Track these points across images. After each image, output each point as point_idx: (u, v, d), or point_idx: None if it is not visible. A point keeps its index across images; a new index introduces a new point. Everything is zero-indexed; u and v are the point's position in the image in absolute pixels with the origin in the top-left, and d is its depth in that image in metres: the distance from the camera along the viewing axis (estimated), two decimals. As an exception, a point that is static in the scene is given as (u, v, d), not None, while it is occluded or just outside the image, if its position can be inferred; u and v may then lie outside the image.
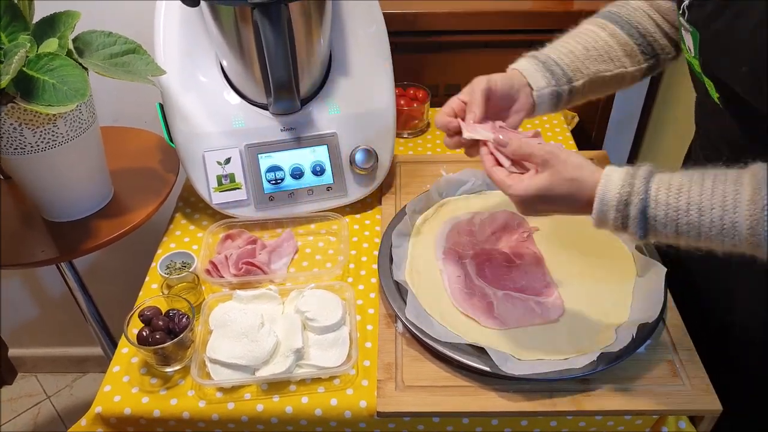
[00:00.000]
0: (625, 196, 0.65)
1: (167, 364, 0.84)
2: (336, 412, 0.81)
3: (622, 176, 0.66)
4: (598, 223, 0.68)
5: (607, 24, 0.89)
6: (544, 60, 0.87)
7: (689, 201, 0.63)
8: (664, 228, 0.64)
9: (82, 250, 1.01)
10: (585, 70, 0.87)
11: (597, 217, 0.68)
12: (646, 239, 0.66)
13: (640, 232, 0.65)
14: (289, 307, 0.91)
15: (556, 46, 0.89)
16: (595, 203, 0.67)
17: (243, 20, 0.92)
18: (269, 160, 1.05)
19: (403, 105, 1.25)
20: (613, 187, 0.66)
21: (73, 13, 0.92)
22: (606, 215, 0.67)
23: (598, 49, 0.87)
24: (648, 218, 0.65)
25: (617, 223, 0.66)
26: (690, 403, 0.78)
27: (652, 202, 0.64)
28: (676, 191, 0.64)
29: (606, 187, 0.66)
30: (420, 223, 1.03)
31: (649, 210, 0.64)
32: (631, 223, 0.65)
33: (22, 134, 0.90)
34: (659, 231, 0.65)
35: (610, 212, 0.66)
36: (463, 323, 0.87)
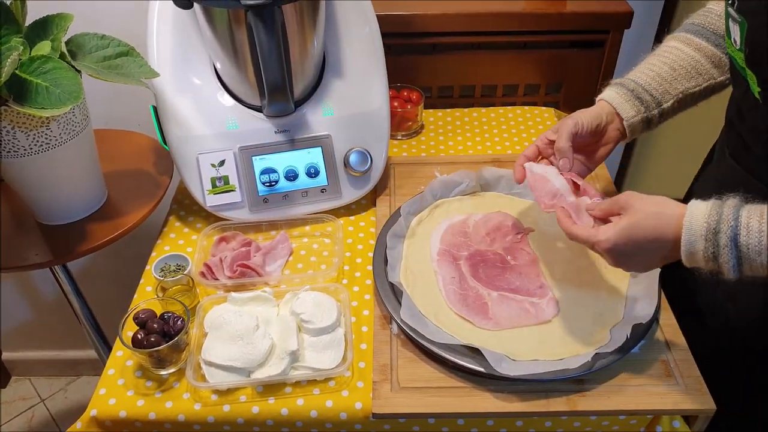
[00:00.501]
0: (713, 225, 0.64)
1: (162, 366, 0.84)
2: (331, 414, 0.81)
3: (709, 206, 0.65)
4: (687, 258, 0.66)
5: (691, 39, 0.88)
6: (632, 88, 0.88)
7: None
8: (758, 256, 0.62)
9: (76, 253, 1.01)
10: (673, 90, 0.88)
11: (686, 249, 0.66)
12: (741, 272, 0.64)
13: (732, 261, 0.63)
14: (284, 309, 0.91)
15: (642, 70, 0.89)
16: (683, 234, 0.65)
17: (236, 22, 0.92)
18: (263, 163, 1.05)
19: (397, 107, 1.26)
20: (700, 216, 0.65)
21: (66, 16, 0.92)
22: (695, 246, 0.65)
23: (685, 67, 0.87)
24: (740, 246, 0.62)
25: (707, 254, 0.64)
26: (684, 402, 0.79)
27: (743, 230, 0.62)
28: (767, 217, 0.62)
29: (693, 216, 0.65)
30: (414, 224, 1.03)
31: (741, 238, 0.62)
32: (722, 252, 0.63)
33: (15, 137, 0.90)
34: (753, 260, 0.62)
35: (699, 242, 0.64)
36: (458, 324, 0.87)
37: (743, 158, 0.82)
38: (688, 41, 0.88)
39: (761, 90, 0.72)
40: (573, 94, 1.43)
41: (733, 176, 0.85)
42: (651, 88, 0.87)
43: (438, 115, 1.35)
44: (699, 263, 0.66)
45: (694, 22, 0.90)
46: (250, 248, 1.00)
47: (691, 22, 0.90)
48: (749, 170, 0.81)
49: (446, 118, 1.34)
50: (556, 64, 1.39)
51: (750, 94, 0.74)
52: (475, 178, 1.09)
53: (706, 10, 0.90)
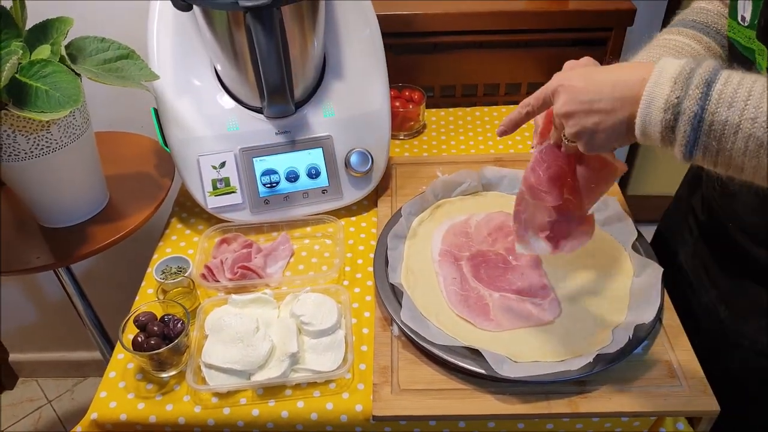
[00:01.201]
0: (689, 67, 0.58)
1: (163, 369, 0.84)
2: (332, 416, 0.80)
3: (674, 75, 0.59)
4: (645, 105, 0.59)
5: (701, 37, 0.83)
6: None
7: (765, 85, 0.55)
8: (728, 109, 0.55)
9: (78, 255, 1.01)
10: None
11: (648, 92, 0.59)
12: (699, 128, 0.57)
13: (696, 108, 0.56)
14: (285, 311, 0.90)
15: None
16: (652, 74, 0.59)
17: (236, 24, 0.92)
18: (264, 164, 1.05)
19: (399, 107, 1.25)
20: (675, 61, 0.59)
21: (66, 20, 0.92)
22: (661, 87, 0.58)
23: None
24: (712, 91, 0.56)
25: (671, 97, 0.57)
26: (688, 404, 0.78)
27: (722, 78, 0.57)
28: (751, 78, 0.56)
29: (667, 60, 0.60)
30: (416, 225, 1.02)
31: (716, 85, 0.56)
32: (689, 95, 0.57)
33: (15, 141, 0.90)
34: (719, 112, 0.56)
35: (666, 84, 0.58)
36: (459, 326, 0.87)
37: None
38: (698, 39, 0.85)
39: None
40: (576, 93, 1.42)
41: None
42: None
43: (440, 115, 1.35)
44: (655, 116, 0.59)
45: (695, 19, 0.87)
46: (251, 250, 1.00)
47: (691, 19, 0.87)
48: None
49: (448, 117, 1.34)
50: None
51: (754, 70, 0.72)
52: (477, 177, 1.08)
53: (701, 10, 0.87)
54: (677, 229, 1.01)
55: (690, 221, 0.96)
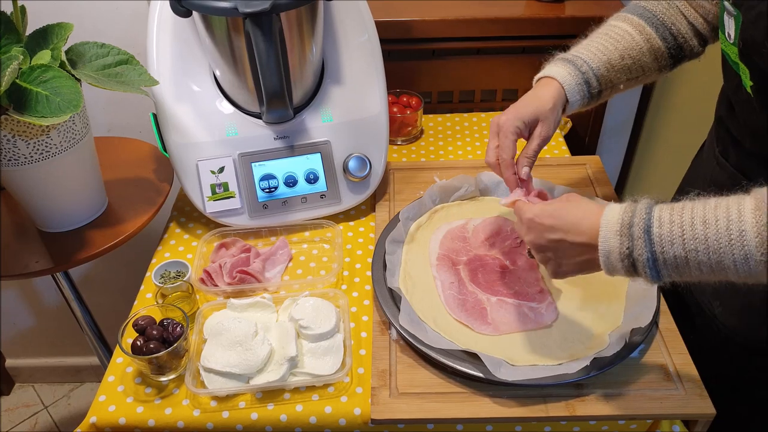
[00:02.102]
0: (627, 219, 0.65)
1: (162, 373, 0.84)
2: (330, 420, 0.81)
3: (624, 205, 0.67)
4: (605, 260, 0.67)
5: (644, 27, 0.86)
6: (585, 71, 0.86)
7: (693, 216, 0.62)
8: (671, 246, 0.62)
9: (77, 260, 1.01)
10: (615, 80, 0.87)
11: (602, 248, 0.67)
12: (657, 270, 0.64)
13: (646, 254, 0.63)
14: (283, 315, 0.91)
15: (595, 53, 0.87)
16: (600, 232, 0.67)
17: (235, 30, 0.93)
18: (263, 169, 1.05)
19: (396, 112, 1.26)
20: (615, 214, 0.66)
21: (66, 25, 0.93)
22: (610, 242, 0.66)
23: (633, 57, 0.86)
24: (653, 237, 0.63)
25: (623, 250, 0.65)
26: (684, 407, 0.78)
27: (656, 222, 0.63)
28: (679, 209, 0.63)
29: (608, 214, 0.67)
30: (413, 229, 1.03)
31: (653, 229, 0.63)
32: (636, 245, 0.64)
33: (15, 146, 0.91)
34: (666, 251, 0.63)
35: (614, 239, 0.65)
36: (457, 329, 0.87)
37: (732, 155, 0.83)
38: (640, 29, 0.86)
39: (753, 84, 0.72)
40: (572, 99, 1.43)
41: (721, 173, 0.85)
42: (600, 75, 0.85)
43: (437, 120, 1.35)
44: (615, 264, 0.66)
45: (646, 7, 0.88)
46: (249, 254, 1.00)
47: (643, 6, 0.88)
48: (738, 167, 0.82)
49: (446, 123, 1.35)
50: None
51: (742, 89, 0.74)
52: (474, 183, 1.09)
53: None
54: None
55: None
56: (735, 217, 0.59)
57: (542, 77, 0.89)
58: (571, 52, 0.89)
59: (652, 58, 0.87)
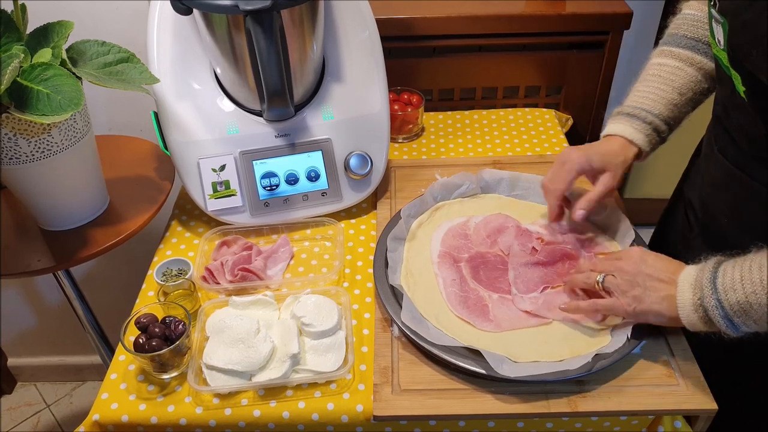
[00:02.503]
0: (699, 273, 0.73)
1: (164, 371, 0.84)
2: (333, 417, 0.81)
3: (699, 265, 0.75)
4: (681, 309, 0.75)
5: (692, 56, 0.89)
6: (651, 122, 0.89)
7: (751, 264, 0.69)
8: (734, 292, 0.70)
9: (79, 258, 1.01)
10: (682, 116, 0.90)
11: (686, 323, 0.75)
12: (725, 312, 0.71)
13: (713, 301, 0.71)
14: (285, 312, 0.91)
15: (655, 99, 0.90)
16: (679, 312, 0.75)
17: (235, 28, 0.93)
18: (264, 167, 1.05)
19: (397, 110, 1.26)
20: (690, 271, 0.75)
21: (67, 23, 0.93)
22: (692, 320, 0.74)
23: (692, 89, 0.89)
24: (717, 285, 0.71)
25: (695, 299, 0.73)
26: (686, 402, 0.78)
27: (721, 273, 0.71)
28: (741, 260, 0.71)
29: (684, 273, 0.75)
30: (415, 227, 1.03)
31: (718, 279, 0.71)
32: (705, 294, 0.72)
33: (16, 144, 0.91)
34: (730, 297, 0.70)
35: (693, 316, 0.74)
36: (459, 326, 0.87)
37: (731, 153, 0.83)
38: (689, 60, 0.89)
39: (746, 89, 0.72)
40: (573, 96, 1.43)
41: (721, 171, 0.85)
42: (667, 118, 0.89)
43: (438, 118, 1.35)
44: (691, 315, 0.74)
45: (686, 35, 0.90)
46: (251, 252, 1.00)
47: (683, 35, 0.90)
48: (737, 165, 0.82)
49: (447, 120, 1.35)
50: (557, 66, 1.39)
51: (736, 93, 0.75)
52: (475, 180, 1.09)
53: (691, 20, 0.90)
54: (676, 225, 1.01)
55: (690, 217, 0.97)
56: None
57: (608, 135, 0.92)
58: (630, 104, 0.92)
59: (709, 80, 0.89)
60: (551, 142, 1.28)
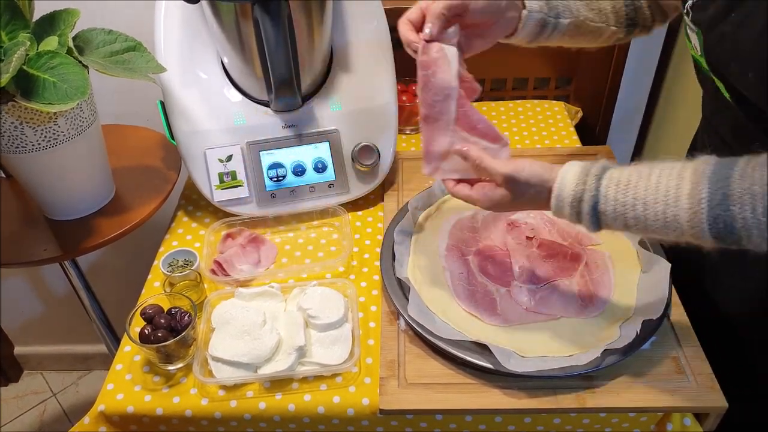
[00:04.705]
0: (578, 194, 0.69)
1: (169, 362, 0.84)
2: (338, 410, 0.80)
3: (577, 175, 0.70)
4: (556, 214, 0.73)
5: None
6: (553, 13, 0.82)
7: (635, 197, 0.66)
8: (614, 222, 0.68)
9: (85, 248, 1.01)
10: (576, 11, 0.83)
11: (554, 212, 0.72)
12: (598, 231, 0.71)
13: (592, 226, 0.70)
14: (291, 304, 0.90)
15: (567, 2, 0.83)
16: (552, 201, 0.71)
17: (243, 17, 0.92)
18: (271, 157, 1.05)
19: (405, 101, 1.25)
20: (568, 185, 0.70)
21: (73, 11, 0.92)
22: (562, 211, 0.71)
23: (601, 16, 0.85)
24: (599, 213, 0.69)
25: (572, 217, 0.71)
26: (695, 399, 0.78)
27: (602, 198, 0.68)
28: (624, 188, 0.67)
29: (562, 185, 0.71)
30: (422, 219, 1.02)
31: (599, 206, 0.68)
32: (584, 218, 0.70)
33: (23, 133, 0.90)
34: (609, 224, 0.69)
35: (566, 209, 0.71)
36: (466, 320, 0.87)
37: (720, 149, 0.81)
38: None
39: (731, 95, 0.71)
40: (583, 88, 1.41)
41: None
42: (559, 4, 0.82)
43: (447, 110, 1.34)
44: (565, 218, 0.72)
45: None
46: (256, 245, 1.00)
47: None
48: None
49: (455, 112, 1.33)
50: (566, 58, 1.37)
51: (720, 95, 0.73)
52: (483, 172, 1.08)
53: None
54: None
55: None
56: (672, 202, 0.63)
57: None
58: None
59: (612, 10, 0.85)
60: (561, 135, 1.27)
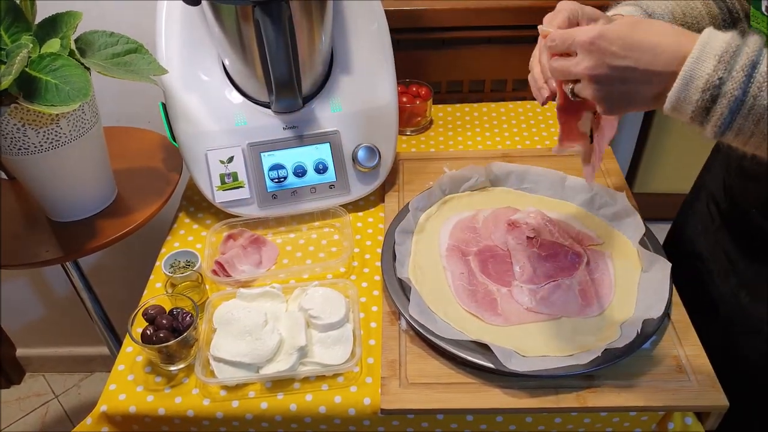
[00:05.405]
0: (734, 46, 0.55)
1: (171, 362, 0.84)
2: (340, 410, 0.81)
3: (731, 33, 0.57)
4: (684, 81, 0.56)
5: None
6: (649, 12, 0.80)
7: None
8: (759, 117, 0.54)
9: (87, 249, 1.01)
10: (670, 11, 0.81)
11: (690, 68, 0.56)
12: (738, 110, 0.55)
13: (739, 91, 0.54)
14: (293, 304, 0.91)
15: (658, 2, 0.80)
16: (695, 48, 0.56)
17: (244, 19, 0.92)
18: (272, 159, 1.05)
19: (406, 102, 1.25)
20: (719, 37, 0.56)
21: (75, 14, 0.93)
22: (703, 64, 0.56)
23: (694, 17, 0.81)
24: (756, 75, 0.54)
25: (714, 77, 0.55)
26: (696, 398, 0.78)
27: (766, 60, 0.54)
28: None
29: (711, 36, 0.57)
30: (423, 220, 1.02)
31: (761, 67, 0.54)
32: (732, 77, 0.55)
33: (25, 134, 0.91)
34: (761, 96, 0.54)
35: (709, 60, 0.55)
36: (467, 320, 0.87)
37: None
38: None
39: None
40: (583, 89, 1.42)
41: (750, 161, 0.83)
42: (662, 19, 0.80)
43: (447, 111, 1.34)
44: (693, 95, 0.56)
45: None
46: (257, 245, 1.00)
47: None
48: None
49: (455, 113, 1.34)
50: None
51: None
52: (484, 173, 1.08)
53: None
54: (696, 217, 1.00)
55: (711, 209, 0.95)
56: None
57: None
58: None
59: (709, 23, 0.82)
60: (561, 136, 1.27)
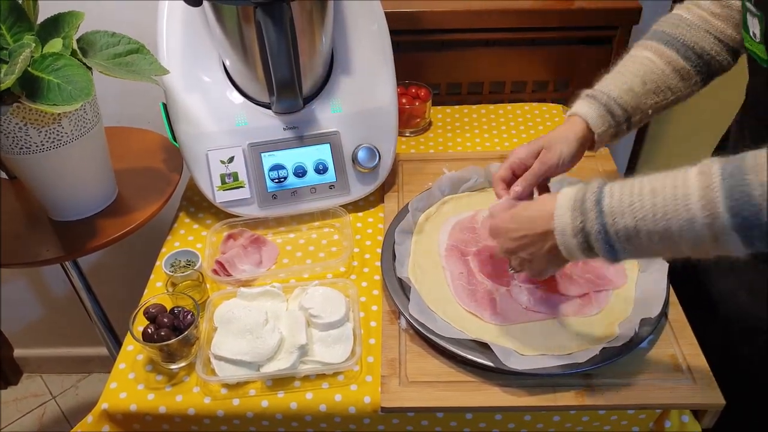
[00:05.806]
0: (580, 195, 0.68)
1: (172, 360, 0.85)
2: (340, 408, 0.81)
3: (577, 186, 0.69)
4: (560, 235, 0.68)
5: (663, 50, 0.87)
6: (604, 102, 0.86)
7: (642, 187, 0.63)
8: (622, 217, 0.63)
9: (87, 249, 1.02)
10: (643, 106, 0.87)
11: (558, 223, 0.68)
12: (608, 239, 0.65)
13: (597, 226, 0.65)
14: (293, 303, 0.91)
15: (615, 83, 0.87)
16: (555, 209, 0.69)
17: (245, 19, 0.93)
18: (272, 159, 1.05)
19: (405, 103, 1.26)
20: (568, 192, 0.69)
21: (77, 14, 0.93)
22: (562, 218, 0.68)
23: (656, 81, 0.86)
24: (603, 208, 0.65)
25: (576, 223, 0.67)
26: (693, 397, 0.78)
27: (607, 195, 0.65)
28: (629, 183, 0.64)
29: (562, 195, 0.70)
30: (422, 220, 1.03)
31: (605, 201, 0.65)
32: (588, 218, 0.66)
33: (27, 134, 0.91)
34: (617, 222, 0.64)
35: (567, 215, 0.68)
36: (466, 319, 0.87)
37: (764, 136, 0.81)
38: (660, 53, 0.87)
39: None
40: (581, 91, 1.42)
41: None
42: (623, 102, 0.86)
43: (446, 112, 1.35)
44: (570, 242, 0.68)
45: (666, 31, 0.88)
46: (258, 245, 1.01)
47: (663, 31, 0.88)
48: None
49: (454, 114, 1.34)
50: (565, 61, 1.38)
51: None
52: (483, 174, 1.09)
53: (677, 19, 0.88)
54: None
55: None
56: (680, 183, 0.60)
57: (569, 116, 0.89)
58: (594, 88, 0.89)
59: (678, 78, 0.87)
60: (559, 137, 1.27)
